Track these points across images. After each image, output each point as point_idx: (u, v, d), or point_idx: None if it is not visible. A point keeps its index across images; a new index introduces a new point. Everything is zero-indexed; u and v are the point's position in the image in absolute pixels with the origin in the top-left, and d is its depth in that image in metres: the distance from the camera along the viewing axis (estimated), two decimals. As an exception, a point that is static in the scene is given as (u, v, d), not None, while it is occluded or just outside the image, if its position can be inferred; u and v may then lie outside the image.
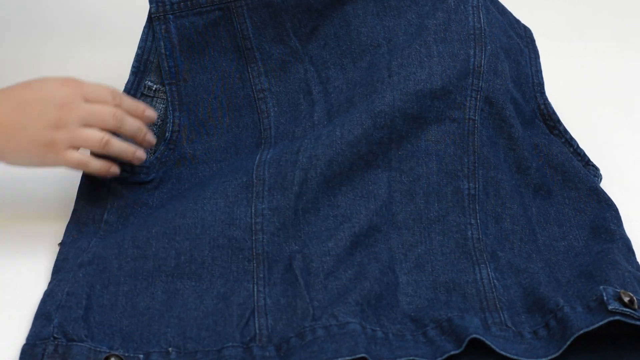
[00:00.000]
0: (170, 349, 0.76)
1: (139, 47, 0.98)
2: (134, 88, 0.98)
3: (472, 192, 0.88)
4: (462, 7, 0.93)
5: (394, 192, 0.88)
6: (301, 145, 0.89)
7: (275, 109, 0.96)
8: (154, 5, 0.97)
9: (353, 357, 0.72)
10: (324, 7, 0.96)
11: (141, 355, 0.76)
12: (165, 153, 0.95)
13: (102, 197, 0.91)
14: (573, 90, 1.16)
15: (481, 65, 0.91)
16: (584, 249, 0.87)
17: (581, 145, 1.02)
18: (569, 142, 0.97)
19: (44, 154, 0.85)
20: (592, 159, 1.00)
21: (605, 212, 0.89)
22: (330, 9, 0.96)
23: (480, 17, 0.93)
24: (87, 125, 0.85)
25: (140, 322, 0.79)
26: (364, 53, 0.95)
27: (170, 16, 0.97)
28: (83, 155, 0.86)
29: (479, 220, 0.86)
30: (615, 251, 0.84)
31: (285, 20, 0.96)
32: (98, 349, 0.75)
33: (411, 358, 0.74)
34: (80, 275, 0.81)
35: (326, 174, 0.87)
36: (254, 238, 0.84)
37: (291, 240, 0.84)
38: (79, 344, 0.75)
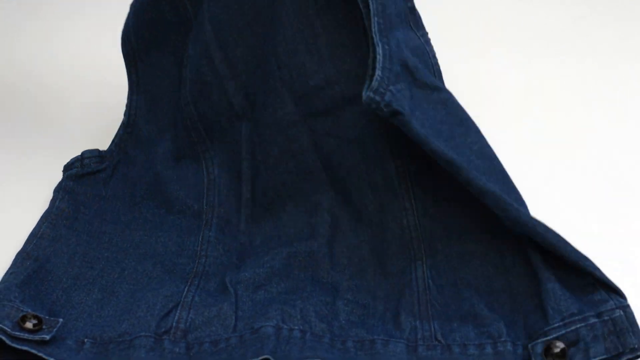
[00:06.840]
0: (85, 339, 0.77)
1: None
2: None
3: (401, 169, 0.86)
4: None
5: (334, 207, 0.88)
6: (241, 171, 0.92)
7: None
8: None
9: (257, 358, 0.73)
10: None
11: (60, 319, 0.77)
12: (124, 137, 0.97)
13: (56, 189, 0.92)
14: (571, 92, 1.15)
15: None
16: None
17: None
18: None
19: None
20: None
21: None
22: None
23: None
24: None
25: (69, 313, 0.80)
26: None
27: None
28: None
29: (413, 203, 0.86)
30: (549, 275, 0.78)
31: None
32: (20, 308, 0.76)
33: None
34: (27, 264, 0.83)
35: (273, 190, 0.90)
36: (197, 262, 0.86)
37: (234, 263, 0.85)
38: (6, 302, 0.77)
